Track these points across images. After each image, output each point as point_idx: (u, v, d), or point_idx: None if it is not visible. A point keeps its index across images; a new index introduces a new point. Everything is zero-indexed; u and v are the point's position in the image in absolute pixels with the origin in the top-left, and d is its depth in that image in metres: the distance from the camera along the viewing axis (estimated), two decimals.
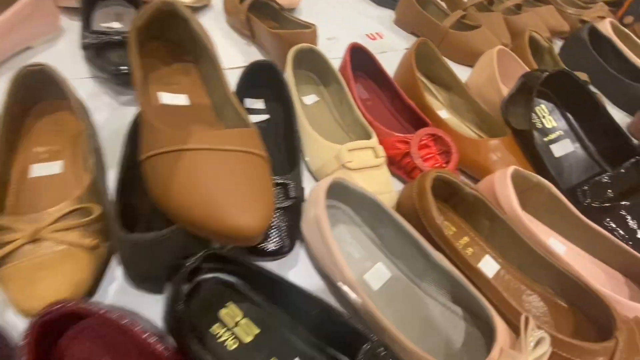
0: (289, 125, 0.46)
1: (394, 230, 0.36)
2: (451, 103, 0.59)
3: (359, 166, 0.41)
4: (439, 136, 0.45)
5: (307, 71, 0.56)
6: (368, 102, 0.56)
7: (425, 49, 0.58)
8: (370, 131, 0.46)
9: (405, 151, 0.45)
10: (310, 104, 0.53)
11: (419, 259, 0.35)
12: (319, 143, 0.44)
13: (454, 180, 0.38)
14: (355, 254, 0.36)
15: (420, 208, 0.36)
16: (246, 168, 0.28)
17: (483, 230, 0.40)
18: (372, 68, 0.57)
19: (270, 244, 0.34)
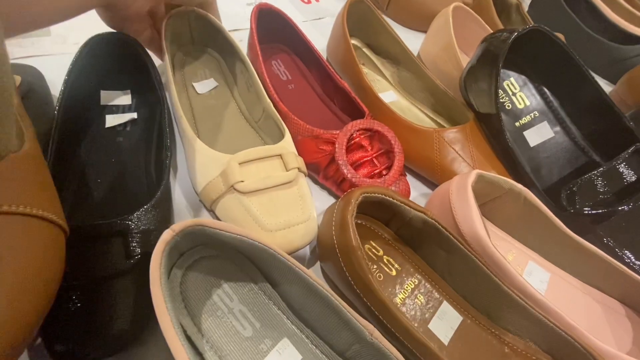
0: (159, 131, 0.31)
1: (302, 287, 0.23)
2: (400, 80, 0.46)
3: (256, 187, 0.27)
4: (377, 131, 0.32)
5: (202, 46, 0.41)
6: (289, 85, 0.42)
7: (361, 8, 0.44)
8: (283, 128, 0.32)
9: (332, 155, 0.32)
10: (206, 92, 0.38)
11: (341, 329, 0.23)
12: (201, 153, 0.30)
13: (390, 200, 0.26)
14: (245, 331, 0.24)
15: (340, 248, 0.24)
16: None
17: (439, 265, 0.28)
18: (295, 39, 0.43)
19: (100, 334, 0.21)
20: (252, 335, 0.24)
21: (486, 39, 0.37)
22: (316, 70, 0.43)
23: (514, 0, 0.57)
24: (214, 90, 0.39)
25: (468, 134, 0.36)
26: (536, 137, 0.38)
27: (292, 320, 0.25)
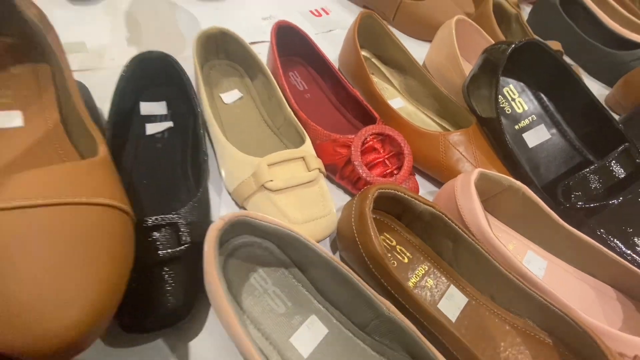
0: (195, 137, 0.35)
1: (328, 271, 0.27)
2: (407, 88, 0.50)
3: (283, 185, 0.31)
4: (388, 135, 0.36)
5: (227, 60, 0.45)
6: (306, 94, 0.46)
7: (370, 22, 0.48)
8: (303, 134, 0.36)
9: (348, 157, 0.36)
10: (232, 102, 0.42)
11: (362, 307, 0.26)
12: (234, 157, 0.34)
13: (402, 195, 0.29)
14: (279, 308, 0.27)
15: (360, 237, 0.27)
16: (67, 230, 0.18)
17: (446, 254, 0.32)
18: (310, 52, 0.47)
19: (157, 309, 0.25)
20: (285, 312, 0.27)
21: (487, 50, 0.41)
22: (329, 80, 0.47)
23: (513, 11, 0.61)
24: (239, 101, 0.43)
25: (471, 137, 0.39)
26: (534, 139, 0.41)
27: (318, 300, 0.28)
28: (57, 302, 0.16)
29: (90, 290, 0.17)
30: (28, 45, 0.28)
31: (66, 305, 0.16)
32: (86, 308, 0.16)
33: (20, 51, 0.29)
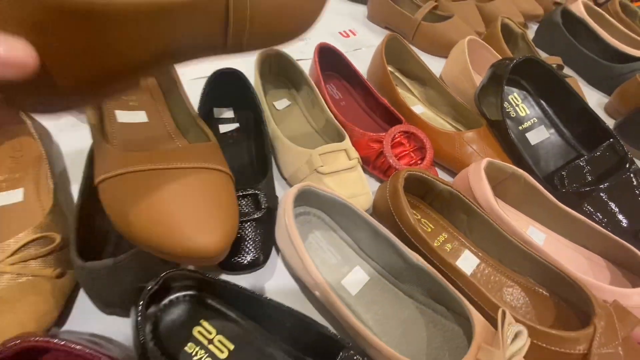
0: (259, 133, 0.45)
1: (369, 232, 0.35)
2: (427, 97, 0.59)
3: (331, 170, 0.40)
4: (412, 132, 0.45)
5: (278, 75, 0.55)
6: (341, 102, 0.56)
7: (395, 43, 0.57)
8: (343, 133, 0.45)
9: (380, 150, 0.44)
10: (282, 108, 0.52)
11: (396, 260, 0.35)
12: (290, 149, 0.43)
13: (426, 177, 0.38)
14: (331, 260, 0.36)
15: (394, 209, 0.36)
16: (205, 185, 0.27)
17: (461, 225, 0.40)
18: (344, 67, 0.56)
19: (245, 256, 0.34)
20: (336, 263, 0.36)
21: (494, 65, 0.49)
22: (360, 91, 0.56)
23: (520, 30, 0.69)
24: (287, 108, 0.53)
25: (482, 135, 0.47)
26: (535, 138, 0.49)
27: (360, 255, 0.37)
28: (208, 228, 0.25)
29: (225, 223, 0.26)
30: None
31: (213, 230, 0.25)
32: (224, 234, 0.25)
33: None
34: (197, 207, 0.25)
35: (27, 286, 0.27)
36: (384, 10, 0.75)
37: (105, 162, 0.27)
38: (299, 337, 0.29)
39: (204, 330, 0.29)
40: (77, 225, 0.29)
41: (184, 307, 0.29)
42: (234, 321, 0.30)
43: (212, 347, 0.28)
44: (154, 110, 0.37)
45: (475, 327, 0.29)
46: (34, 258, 0.28)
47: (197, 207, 0.25)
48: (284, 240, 0.33)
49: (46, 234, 0.29)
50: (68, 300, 0.30)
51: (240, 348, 0.29)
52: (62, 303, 0.29)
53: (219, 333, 0.29)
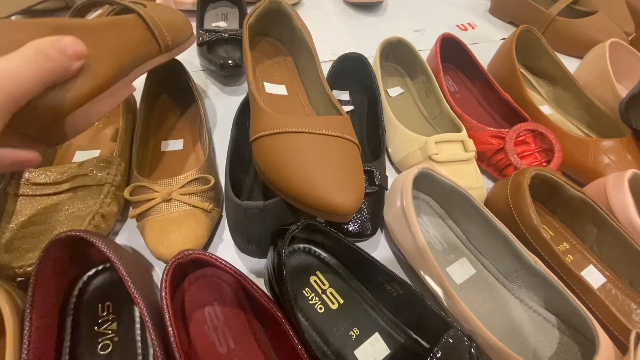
0: (374, 116, 0.47)
1: (483, 226, 0.35)
2: (555, 98, 0.53)
3: (446, 159, 0.40)
4: (540, 132, 0.42)
5: (393, 63, 0.56)
6: (457, 95, 0.54)
7: (528, 37, 0.53)
8: (460, 124, 0.44)
9: (498, 147, 0.42)
10: (395, 96, 0.53)
11: (509, 259, 0.33)
12: (404, 135, 0.44)
13: (557, 179, 0.35)
14: (437, 247, 0.36)
15: (515, 207, 0.34)
16: (342, 152, 0.30)
17: (588, 238, 0.36)
18: (463, 59, 0.55)
19: (354, 225, 0.36)
20: (442, 250, 0.36)
21: None
22: (479, 84, 0.54)
23: None
24: (400, 95, 0.53)
25: (625, 146, 0.42)
26: None
27: (468, 247, 0.36)
28: (344, 188, 0.27)
29: (358, 186, 0.28)
30: (289, 43, 0.43)
31: (348, 190, 0.28)
32: (357, 195, 0.28)
33: (279, 47, 0.45)
34: (336, 169, 0.28)
35: (189, 214, 0.33)
36: (512, 2, 0.70)
37: (261, 123, 0.31)
38: (403, 308, 0.30)
39: (319, 280, 0.32)
40: (231, 172, 0.34)
41: (305, 257, 0.33)
42: (345, 278, 0.32)
43: (325, 297, 0.31)
44: (291, 85, 0.41)
45: (601, 346, 0.26)
46: (195, 193, 0.35)
47: (336, 169, 0.28)
48: (395, 219, 0.35)
49: (204, 175, 0.35)
50: (211, 231, 0.36)
51: (349, 304, 0.31)
52: (211, 232, 0.35)
53: (331, 286, 0.32)
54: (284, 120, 0.30)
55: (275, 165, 0.29)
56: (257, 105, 0.33)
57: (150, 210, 0.33)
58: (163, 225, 0.32)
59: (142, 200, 0.34)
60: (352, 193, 0.27)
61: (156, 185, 0.34)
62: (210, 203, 0.34)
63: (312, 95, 0.41)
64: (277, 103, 0.39)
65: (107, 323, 0.30)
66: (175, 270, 0.27)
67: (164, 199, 0.33)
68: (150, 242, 0.32)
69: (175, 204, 0.34)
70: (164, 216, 0.33)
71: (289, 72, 0.43)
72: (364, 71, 0.49)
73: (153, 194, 0.34)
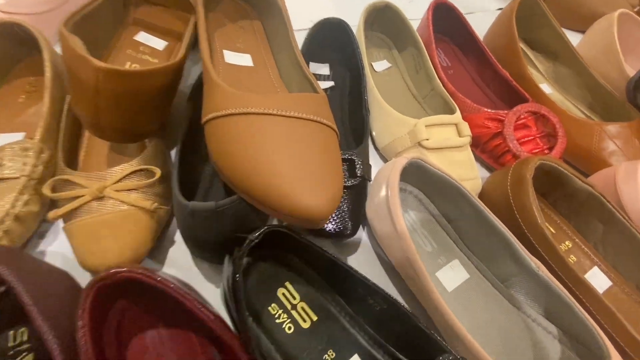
0: (357, 95, 0.40)
1: (478, 224, 0.30)
2: (555, 75, 0.48)
3: (437, 145, 0.35)
4: (542, 115, 0.37)
5: (379, 32, 0.49)
6: (449, 70, 0.48)
7: (529, 4, 0.47)
8: (453, 105, 0.39)
9: (496, 131, 0.37)
10: (381, 70, 0.47)
11: (507, 262, 0.29)
12: (390, 116, 0.38)
13: (563, 170, 0.30)
14: (426, 247, 0.31)
15: (516, 202, 0.30)
16: (316, 139, 0.24)
17: (592, 236, 0.32)
18: (457, 29, 0.48)
19: (332, 224, 0.31)
20: (431, 251, 0.31)
21: None
22: (474, 59, 0.48)
23: None
24: (387, 70, 0.47)
25: (633, 131, 0.38)
26: None
27: (460, 247, 0.32)
28: (317, 188, 0.22)
29: (334, 185, 0.23)
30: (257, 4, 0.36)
31: (322, 191, 0.22)
32: (332, 197, 0.22)
33: (245, 8, 0.37)
34: (307, 163, 0.22)
35: (127, 215, 0.27)
36: None
37: (215, 100, 0.25)
38: (387, 325, 0.26)
39: (288, 293, 0.27)
40: (180, 164, 0.28)
41: (272, 265, 0.28)
42: (319, 290, 0.27)
43: (295, 314, 0.26)
44: (258, 54, 0.34)
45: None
46: (135, 189, 0.28)
47: (307, 163, 0.22)
48: (379, 215, 0.29)
49: (148, 167, 0.29)
50: (157, 235, 0.30)
51: (324, 321, 0.26)
52: (156, 237, 0.29)
53: (303, 300, 0.27)
54: (243, 98, 0.24)
55: (231, 155, 0.23)
56: (210, 78, 0.26)
57: (78, 211, 0.27)
58: (93, 230, 0.26)
59: (66, 197, 0.27)
60: (326, 192, 0.22)
61: (85, 179, 0.27)
62: (154, 201, 0.28)
63: (283, 67, 0.34)
64: (240, 76, 0.32)
65: (23, 355, 0.24)
66: (99, 292, 0.21)
67: (94, 196, 0.27)
68: (77, 251, 0.26)
69: (108, 203, 0.27)
70: (95, 218, 0.27)
71: (256, 39, 0.36)
72: (346, 41, 0.43)
73: (80, 189, 0.27)
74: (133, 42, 0.34)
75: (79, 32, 0.27)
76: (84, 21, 0.28)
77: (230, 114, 0.24)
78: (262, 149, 0.22)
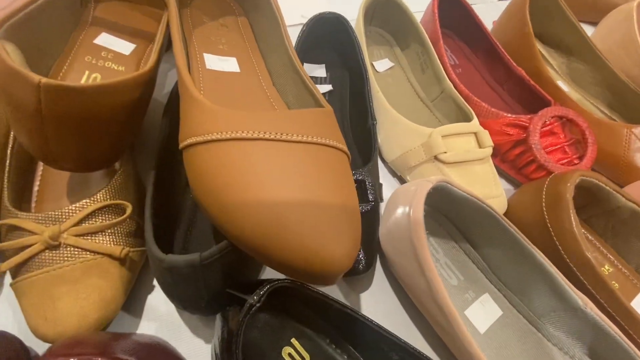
0: (361, 101, 0.36)
1: (512, 252, 0.26)
2: (570, 72, 0.45)
3: (457, 159, 0.30)
4: (570, 119, 0.33)
5: (379, 28, 0.44)
6: (457, 69, 0.44)
7: None
8: (469, 110, 0.34)
9: (518, 139, 0.33)
10: (383, 71, 0.42)
11: (546, 296, 0.25)
12: (399, 125, 0.33)
13: (603, 186, 0.27)
14: (451, 280, 0.27)
15: (554, 225, 0.26)
16: (326, 168, 0.19)
17: (634, 257, 0.29)
18: (464, 23, 0.44)
19: None
20: (457, 285, 0.27)
21: None
22: (484, 56, 0.43)
23: None
24: (389, 70, 0.42)
25: None
26: None
27: (490, 279, 0.27)
28: (337, 229, 0.17)
29: (354, 219, 0.18)
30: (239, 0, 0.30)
31: (344, 232, 0.17)
32: (354, 242, 0.18)
33: (229, 5, 0.32)
34: (318, 203, 0.18)
35: (91, 266, 0.22)
36: None
37: (194, 121, 0.19)
38: None
39: (294, 352, 0.22)
40: (154, 197, 0.23)
41: (275, 317, 0.23)
42: (330, 345, 0.23)
43: None
44: (245, 58, 0.29)
45: None
46: (100, 230, 0.23)
47: (318, 203, 0.18)
48: (396, 246, 0.25)
49: (117, 202, 0.24)
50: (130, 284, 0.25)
51: None
52: (129, 288, 0.24)
53: (313, 359, 0.22)
54: (231, 118, 0.19)
55: (217, 193, 0.18)
56: (187, 92, 0.21)
57: (28, 264, 0.21)
58: (46, 288, 0.21)
59: (11, 247, 0.21)
60: (345, 240, 0.17)
61: (34, 223, 0.22)
62: (125, 244, 0.23)
63: (275, 72, 0.29)
64: (224, 86, 0.27)
65: None
66: None
67: (47, 244, 0.21)
68: (28, 316, 0.21)
69: (67, 252, 0.22)
70: (49, 273, 0.21)
71: (242, 39, 0.30)
72: (345, 38, 0.38)
73: (29, 237, 0.21)
74: (93, 46, 0.28)
75: (18, 38, 0.21)
76: (24, 24, 0.22)
77: (216, 139, 0.18)
78: (259, 186, 0.17)
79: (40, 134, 0.20)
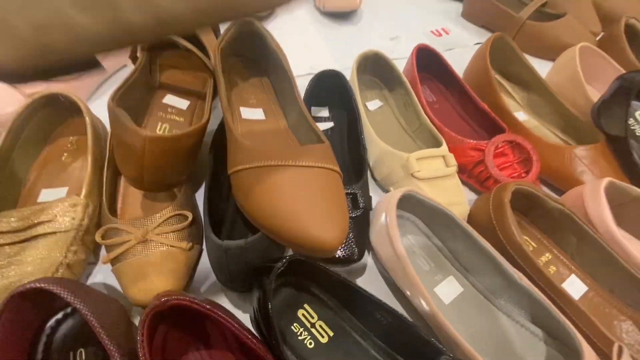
0: (355, 134, 0.46)
1: (468, 244, 0.35)
2: (530, 103, 0.54)
3: (428, 176, 0.40)
4: (518, 143, 0.42)
5: (371, 76, 0.56)
6: (435, 105, 0.54)
7: (500, 44, 0.54)
8: (440, 138, 0.44)
9: (478, 159, 0.43)
10: (374, 109, 0.53)
11: (494, 276, 0.34)
12: (384, 151, 0.43)
13: (536, 193, 0.36)
14: (424, 266, 0.36)
15: (497, 223, 0.35)
16: (324, 183, 0.29)
17: (568, 248, 0.37)
18: (439, 68, 0.55)
19: (340, 251, 0.36)
20: (429, 270, 0.36)
21: (620, 78, 0.44)
22: (457, 94, 0.54)
23: None
24: (379, 109, 0.53)
25: (599, 152, 0.43)
26: None
27: (455, 266, 0.36)
28: (328, 223, 0.27)
29: (342, 220, 0.28)
30: (265, 64, 0.42)
31: (332, 226, 0.27)
32: (341, 231, 0.27)
33: (254, 68, 0.44)
34: (318, 203, 0.28)
35: (168, 255, 0.32)
36: (483, 7, 0.71)
37: (239, 155, 0.30)
38: (394, 336, 0.30)
39: (307, 314, 0.31)
40: (209, 208, 0.33)
41: (291, 290, 0.32)
42: (334, 309, 0.32)
43: (314, 331, 0.31)
44: (269, 108, 0.40)
45: (585, 357, 0.27)
46: (173, 231, 0.33)
47: (318, 203, 0.28)
48: (381, 241, 0.34)
49: (182, 212, 0.34)
50: (192, 271, 0.35)
51: (339, 336, 0.31)
52: (191, 272, 0.34)
53: (320, 319, 0.31)
54: (264, 153, 0.29)
55: (255, 201, 0.28)
56: (234, 137, 0.31)
57: (124, 254, 0.32)
58: (139, 269, 0.31)
59: (115, 243, 0.32)
60: (336, 227, 0.27)
61: (130, 226, 0.32)
62: (188, 241, 0.33)
63: (290, 118, 0.40)
64: (256, 129, 0.38)
65: None
66: (153, 318, 0.25)
67: (139, 240, 0.32)
68: (127, 289, 0.31)
69: (151, 245, 0.32)
70: (140, 259, 0.31)
71: (265, 94, 0.42)
72: (342, 87, 0.49)
73: (127, 235, 0.32)
74: (162, 104, 0.40)
75: (123, 104, 0.33)
76: (125, 94, 0.34)
77: (254, 167, 0.29)
78: (281, 195, 0.28)
79: (138, 167, 0.31)
